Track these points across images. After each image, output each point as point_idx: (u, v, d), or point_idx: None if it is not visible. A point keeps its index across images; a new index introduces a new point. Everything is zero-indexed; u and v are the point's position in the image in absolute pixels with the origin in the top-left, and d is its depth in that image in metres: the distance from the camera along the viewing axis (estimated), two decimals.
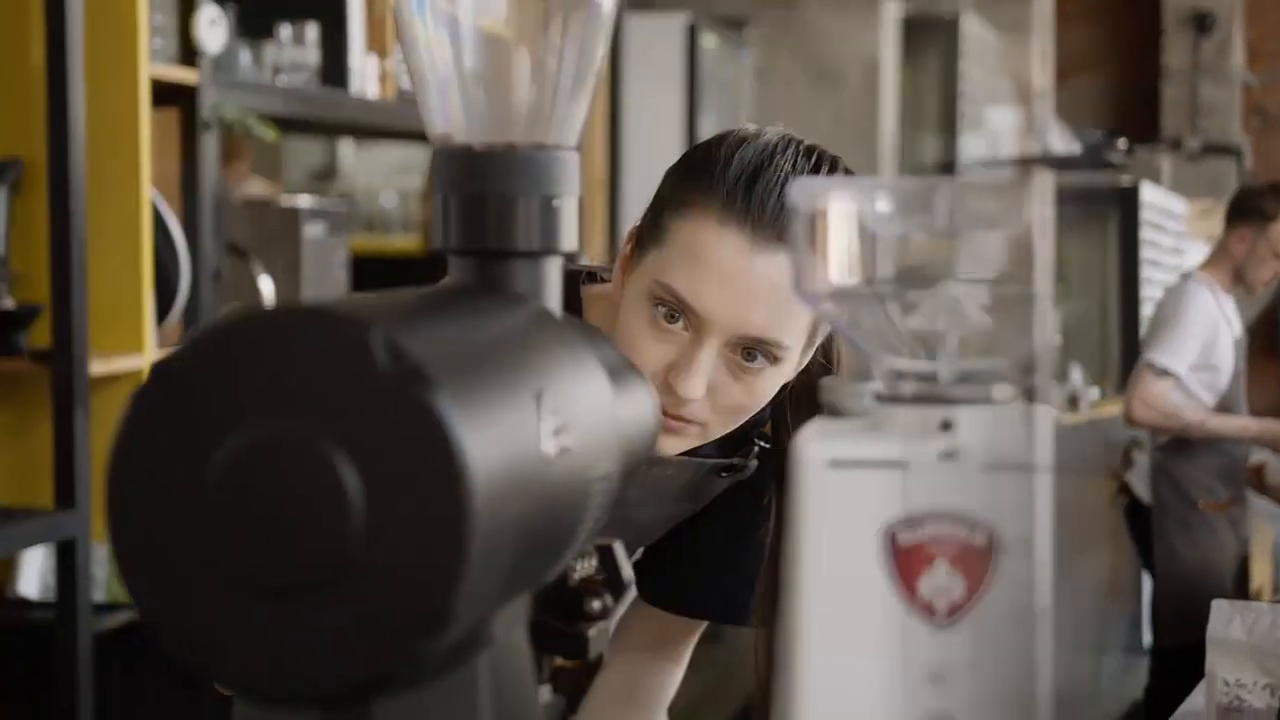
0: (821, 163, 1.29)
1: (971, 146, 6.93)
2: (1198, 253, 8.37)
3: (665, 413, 1.25)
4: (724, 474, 1.43)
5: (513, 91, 0.84)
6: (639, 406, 0.87)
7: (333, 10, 3.22)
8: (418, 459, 0.62)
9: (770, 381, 1.27)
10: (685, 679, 1.58)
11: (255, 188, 4.04)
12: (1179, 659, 4.26)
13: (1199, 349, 4.34)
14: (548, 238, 0.83)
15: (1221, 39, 9.40)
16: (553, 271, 0.84)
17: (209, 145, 2.79)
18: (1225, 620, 1.89)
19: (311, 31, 3.14)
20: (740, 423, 1.30)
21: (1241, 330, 4.52)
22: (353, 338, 0.62)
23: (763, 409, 1.32)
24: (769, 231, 1.22)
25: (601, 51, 0.86)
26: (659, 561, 1.47)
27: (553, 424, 0.71)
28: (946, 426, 0.71)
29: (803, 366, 1.33)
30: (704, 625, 1.55)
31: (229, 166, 3.58)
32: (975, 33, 6.90)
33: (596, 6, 0.85)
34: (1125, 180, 6.65)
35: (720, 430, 1.30)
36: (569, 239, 0.84)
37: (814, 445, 0.71)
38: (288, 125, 3.37)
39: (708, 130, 5.72)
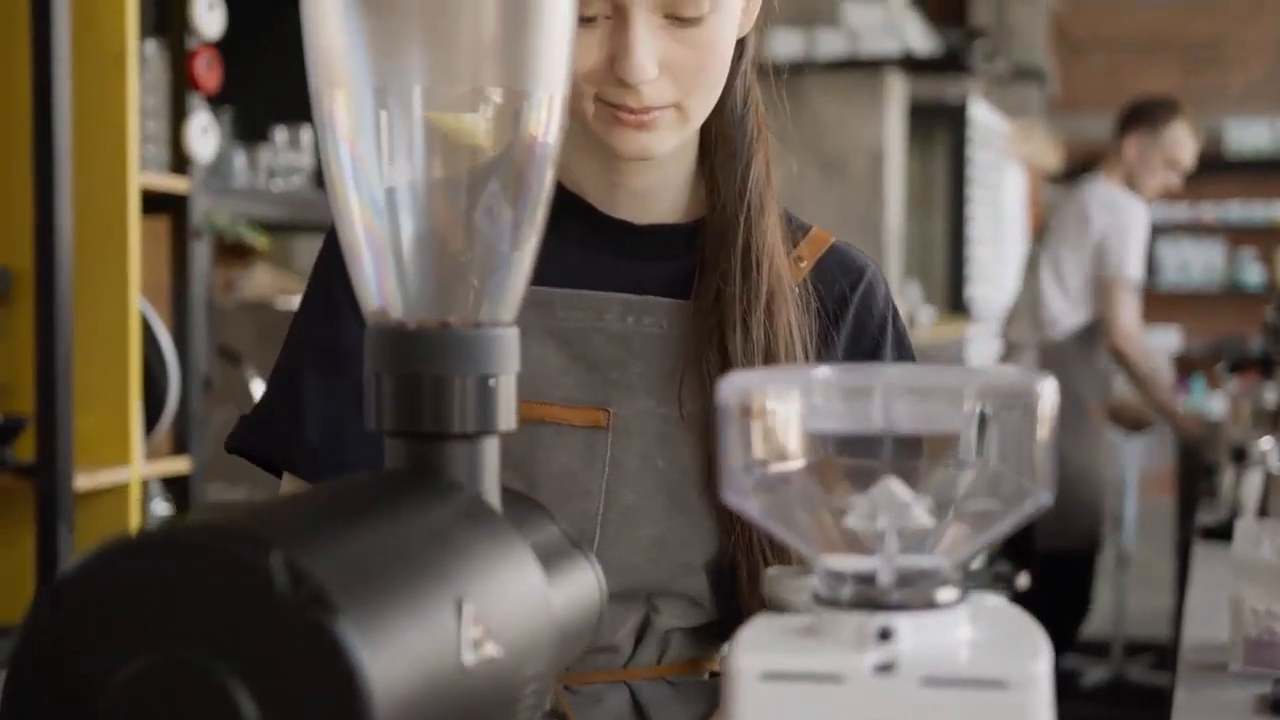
0: None
1: None
2: (1015, 174, 8.48)
3: (631, 109, 1.16)
4: None
5: (447, 268, 0.81)
6: (580, 590, 0.84)
7: None
8: (317, 685, 0.59)
9: (722, 30, 1.18)
10: None
11: (263, 277, 4.03)
12: (1057, 565, 4.25)
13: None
14: (485, 419, 0.80)
15: None
16: (490, 452, 0.81)
17: (200, 253, 2.78)
18: (1252, 540, 1.69)
19: (306, 135, 3.14)
20: (717, 89, 1.20)
21: None
22: (252, 561, 0.59)
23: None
24: None
25: (539, 223, 0.84)
26: None
27: (475, 632, 0.68)
28: (885, 635, 0.68)
29: (753, 9, 1.24)
30: None
31: (237, 259, 3.57)
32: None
33: (534, 180, 0.82)
34: (953, 97, 6.74)
35: (701, 106, 1.20)
36: (507, 418, 0.81)
37: (748, 656, 0.68)
38: (283, 228, 3.36)
39: None
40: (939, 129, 7.04)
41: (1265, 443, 3.11)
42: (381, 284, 0.81)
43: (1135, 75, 10.20)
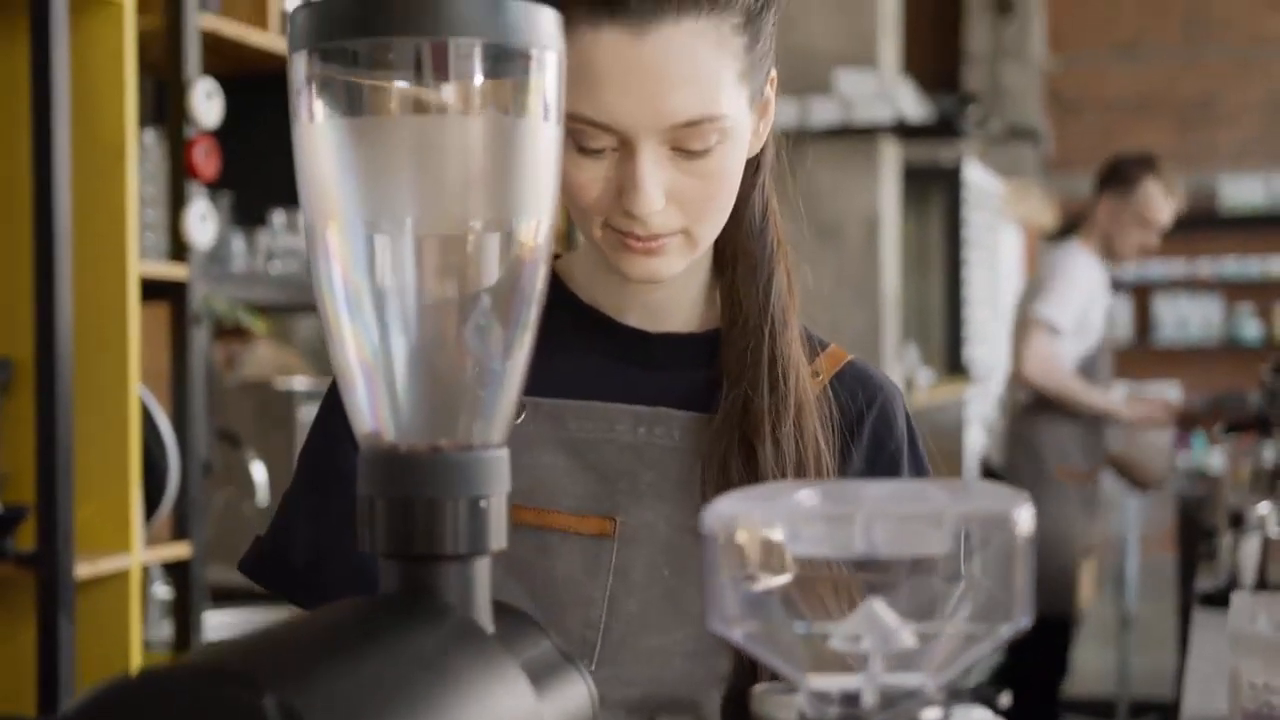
0: None
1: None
2: (1011, 234, 8.54)
3: (638, 238, 1.17)
4: None
5: (438, 393, 0.83)
6: (573, 704, 0.85)
7: None
8: None
9: (730, 159, 1.17)
10: None
11: (264, 353, 4.05)
12: (1031, 631, 4.19)
13: (1079, 310, 4.40)
14: (476, 540, 0.82)
15: (1022, 23, 9.59)
16: (481, 571, 0.83)
17: (199, 339, 2.80)
18: (1248, 615, 1.68)
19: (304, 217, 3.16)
20: (725, 213, 1.20)
21: (1110, 300, 4.61)
22: (247, 705, 0.61)
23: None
24: (647, 9, 1.12)
25: (528, 345, 0.85)
26: None
27: None
28: None
29: (766, 118, 1.23)
30: None
31: (238, 336, 3.59)
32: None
33: (522, 305, 0.84)
34: (947, 160, 6.79)
35: (709, 231, 1.20)
36: (498, 538, 0.83)
37: None
38: (283, 309, 3.39)
39: None
40: (934, 191, 7.09)
41: (1263, 508, 3.12)
42: (374, 408, 0.83)
43: (1129, 133, 10.27)
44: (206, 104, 2.76)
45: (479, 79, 0.80)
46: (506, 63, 0.81)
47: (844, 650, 0.72)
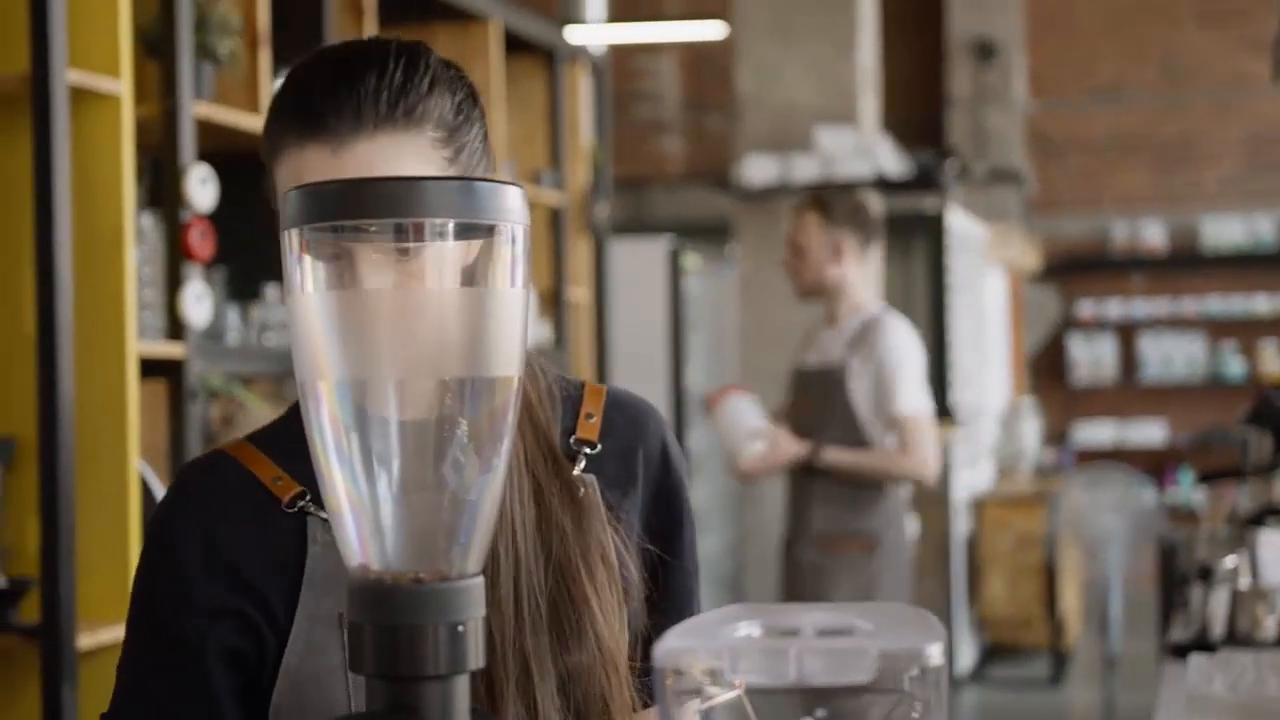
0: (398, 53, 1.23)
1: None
2: (995, 277, 8.65)
3: None
4: None
5: (419, 530, 0.93)
6: None
7: None
8: None
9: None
10: None
11: (259, 414, 4.12)
12: None
13: None
14: (455, 662, 0.91)
15: (1003, 68, 9.72)
16: (460, 688, 0.92)
17: (195, 414, 2.89)
18: (1206, 676, 1.76)
19: None
20: None
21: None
22: None
23: None
24: (345, 127, 1.20)
25: (501, 483, 0.95)
26: None
27: None
28: None
29: None
30: None
31: (233, 399, 3.67)
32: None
33: (495, 450, 0.94)
34: (930, 207, 6.89)
35: None
36: (476, 658, 0.92)
37: None
38: (278, 379, 3.48)
39: (694, 347, 5.88)
40: (917, 239, 7.19)
41: (1230, 561, 3.20)
42: (362, 543, 0.92)
43: (1111, 175, 10.41)
44: (201, 189, 2.86)
45: (452, 252, 0.90)
46: (476, 237, 0.90)
47: None
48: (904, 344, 4.03)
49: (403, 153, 1.22)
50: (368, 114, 1.21)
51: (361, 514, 0.92)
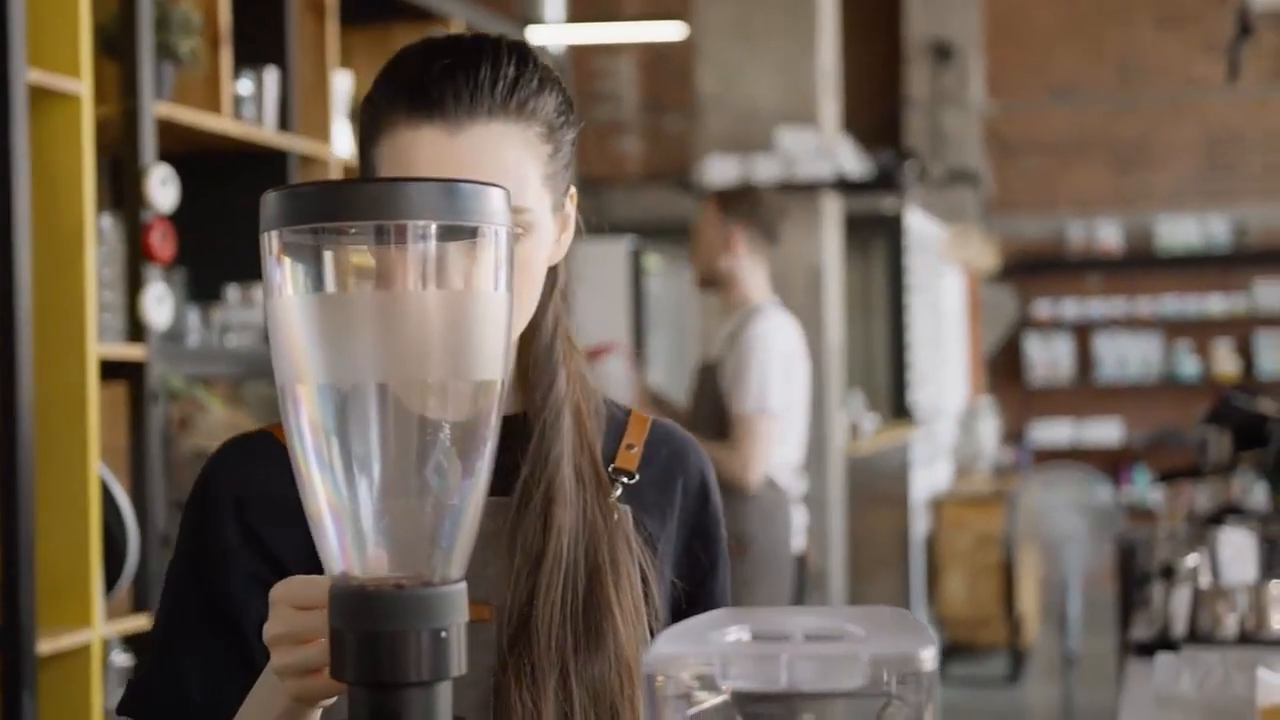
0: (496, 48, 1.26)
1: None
2: (953, 277, 8.72)
3: None
4: None
5: (401, 536, 0.92)
6: None
7: None
8: None
9: (533, 254, 1.25)
10: None
11: (218, 414, 4.09)
12: None
13: None
14: (437, 668, 0.90)
15: (961, 70, 9.79)
16: (443, 695, 0.91)
17: (156, 416, 2.87)
18: (1172, 674, 1.76)
19: (257, 292, 3.24)
20: (527, 305, 1.27)
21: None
22: None
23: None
24: (462, 111, 1.22)
25: (483, 489, 0.94)
26: None
27: None
28: None
29: (567, 232, 1.32)
30: None
31: (194, 400, 3.65)
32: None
33: (478, 455, 0.93)
34: (889, 207, 6.93)
35: (515, 324, 1.24)
36: (459, 664, 0.91)
37: None
38: (238, 380, 3.45)
39: (657, 346, 5.89)
40: (876, 239, 7.22)
41: (1191, 559, 3.22)
42: (343, 551, 0.91)
43: (1067, 175, 10.46)
44: (162, 190, 2.84)
45: (434, 255, 0.89)
46: (459, 240, 0.89)
47: None
48: (767, 339, 3.86)
49: (513, 142, 1.25)
50: (484, 101, 1.23)
51: (343, 519, 0.91)
